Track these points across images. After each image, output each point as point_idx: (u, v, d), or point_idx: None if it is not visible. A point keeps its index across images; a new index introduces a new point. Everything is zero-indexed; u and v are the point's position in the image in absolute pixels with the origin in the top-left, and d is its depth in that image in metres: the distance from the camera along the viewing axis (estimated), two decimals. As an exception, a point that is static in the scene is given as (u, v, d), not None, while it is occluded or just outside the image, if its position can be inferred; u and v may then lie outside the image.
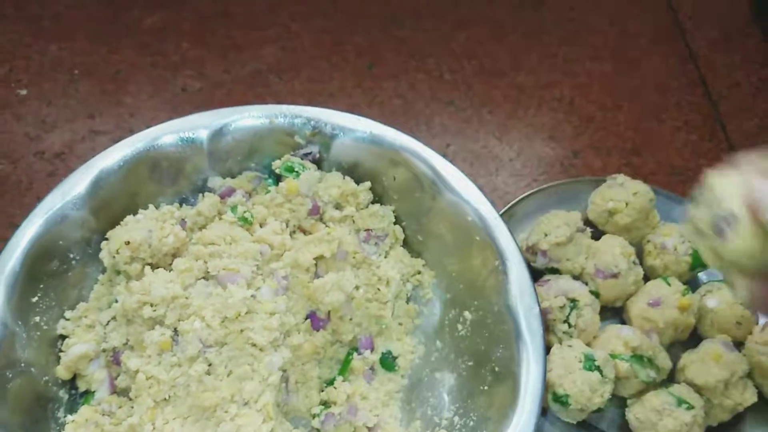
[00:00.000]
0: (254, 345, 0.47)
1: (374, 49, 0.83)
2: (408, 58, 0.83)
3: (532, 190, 0.67)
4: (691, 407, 0.53)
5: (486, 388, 0.49)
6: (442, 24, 0.87)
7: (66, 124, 0.74)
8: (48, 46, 0.80)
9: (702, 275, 0.64)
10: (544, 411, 0.55)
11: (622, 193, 0.62)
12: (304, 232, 0.55)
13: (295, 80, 0.80)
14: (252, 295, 0.47)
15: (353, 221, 0.56)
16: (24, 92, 0.76)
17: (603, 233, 0.63)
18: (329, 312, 0.52)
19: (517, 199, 0.66)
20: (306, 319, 0.51)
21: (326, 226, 0.55)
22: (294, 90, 0.79)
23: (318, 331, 0.51)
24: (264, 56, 0.81)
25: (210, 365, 0.46)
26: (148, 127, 0.73)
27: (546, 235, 0.60)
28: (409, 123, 0.78)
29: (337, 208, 0.56)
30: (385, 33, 0.85)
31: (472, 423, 0.48)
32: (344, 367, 0.53)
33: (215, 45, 0.82)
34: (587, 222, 0.64)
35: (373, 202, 0.57)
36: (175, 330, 0.47)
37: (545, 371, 0.46)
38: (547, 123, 0.79)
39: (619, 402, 0.57)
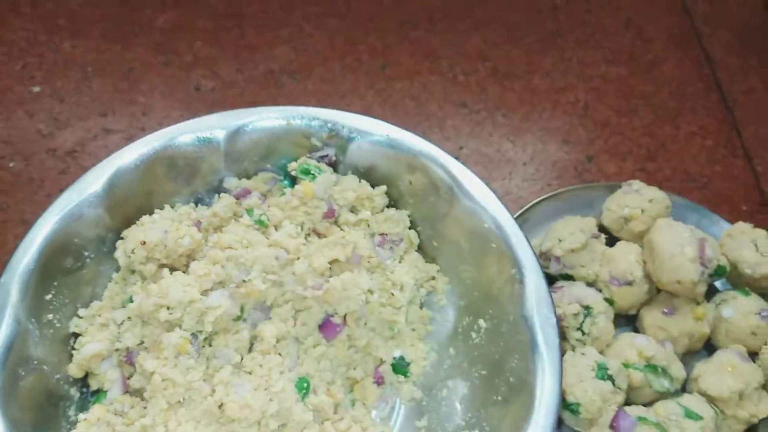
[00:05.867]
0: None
1: (388, 50, 0.83)
2: (422, 59, 0.83)
3: (545, 195, 0.66)
4: (698, 418, 0.52)
5: (499, 398, 0.48)
6: (457, 26, 0.86)
7: (78, 122, 0.74)
8: (62, 44, 0.80)
9: (717, 284, 0.63)
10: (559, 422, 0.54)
11: (638, 200, 0.62)
12: (319, 235, 0.55)
13: (307, 81, 0.79)
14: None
15: (368, 225, 0.56)
16: (37, 89, 0.76)
17: (617, 240, 0.63)
18: (345, 316, 0.51)
19: (530, 204, 0.66)
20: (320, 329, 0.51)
21: (341, 229, 0.55)
22: (306, 90, 0.79)
23: (333, 338, 0.51)
24: (277, 56, 0.81)
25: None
26: (160, 125, 0.73)
27: (560, 241, 0.60)
28: (422, 125, 0.77)
29: (352, 212, 0.56)
30: (399, 34, 0.84)
31: (484, 434, 0.47)
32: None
33: (228, 44, 0.82)
34: (602, 228, 0.63)
35: (388, 206, 0.57)
36: (193, 334, 0.47)
37: (561, 385, 0.45)
38: (561, 127, 0.78)
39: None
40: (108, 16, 0.83)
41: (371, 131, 0.55)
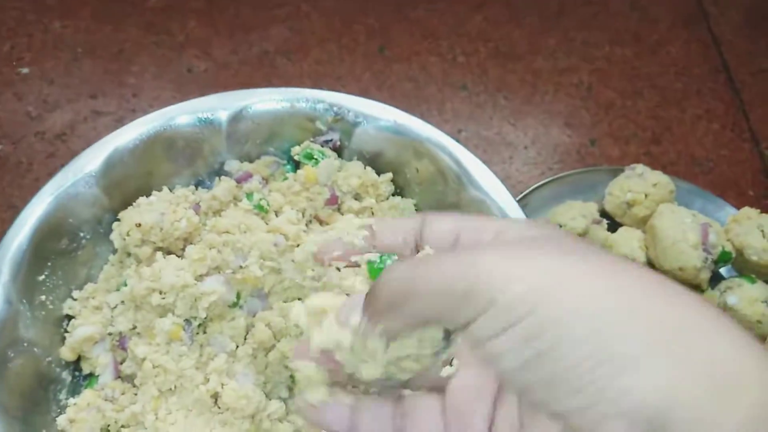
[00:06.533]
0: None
1: (386, 30, 0.81)
2: (421, 40, 0.80)
3: (546, 179, 0.65)
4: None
5: None
6: (457, 5, 0.84)
7: (68, 104, 0.72)
8: (51, 23, 0.78)
9: (723, 271, 0.62)
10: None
11: (641, 184, 0.60)
12: (321, 222, 0.53)
13: (303, 62, 0.77)
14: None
15: (372, 213, 0.53)
16: (26, 70, 0.74)
17: (620, 225, 0.61)
18: None
19: (531, 188, 0.64)
20: None
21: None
22: (302, 72, 0.77)
23: None
24: (272, 37, 0.79)
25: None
26: (150, 107, 0.72)
27: (561, 226, 0.58)
28: (421, 107, 0.75)
29: (356, 199, 0.54)
30: (398, 14, 0.82)
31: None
32: None
33: (222, 24, 0.79)
34: (603, 213, 0.62)
35: (394, 194, 0.55)
36: (186, 320, 0.45)
37: None
38: (563, 110, 0.76)
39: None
40: (99, -5, 0.81)
41: (378, 116, 0.53)
